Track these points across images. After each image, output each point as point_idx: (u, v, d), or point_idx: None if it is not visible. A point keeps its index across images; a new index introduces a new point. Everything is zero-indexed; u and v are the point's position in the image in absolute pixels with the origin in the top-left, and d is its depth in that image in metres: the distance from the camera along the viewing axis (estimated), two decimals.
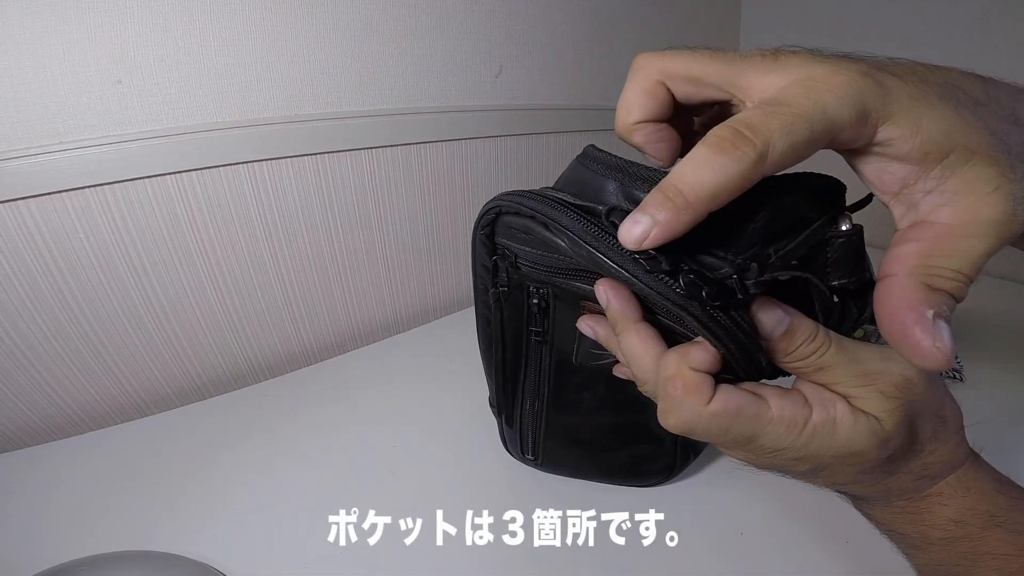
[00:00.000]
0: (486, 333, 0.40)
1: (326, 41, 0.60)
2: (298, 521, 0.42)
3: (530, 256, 0.31)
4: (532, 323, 0.36)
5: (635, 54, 0.24)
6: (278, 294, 0.66)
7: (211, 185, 0.57)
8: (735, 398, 0.22)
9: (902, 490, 0.25)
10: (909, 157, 0.19)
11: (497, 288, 0.34)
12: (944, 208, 0.19)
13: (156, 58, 0.51)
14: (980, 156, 0.18)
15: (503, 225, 0.31)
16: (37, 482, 0.46)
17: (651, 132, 0.24)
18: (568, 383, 0.39)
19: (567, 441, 0.43)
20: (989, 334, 0.69)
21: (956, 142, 0.18)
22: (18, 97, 0.45)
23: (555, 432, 0.42)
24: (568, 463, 0.45)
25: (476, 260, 0.35)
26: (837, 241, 0.22)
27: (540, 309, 0.35)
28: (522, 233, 0.29)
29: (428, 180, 0.74)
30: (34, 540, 0.40)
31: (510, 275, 0.33)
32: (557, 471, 0.46)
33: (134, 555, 0.38)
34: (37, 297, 0.50)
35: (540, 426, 0.42)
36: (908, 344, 0.18)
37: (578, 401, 0.39)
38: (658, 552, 0.40)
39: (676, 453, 0.43)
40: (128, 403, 0.59)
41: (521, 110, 0.80)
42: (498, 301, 0.35)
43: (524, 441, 0.44)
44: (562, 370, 0.38)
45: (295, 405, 0.56)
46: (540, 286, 0.34)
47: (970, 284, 0.19)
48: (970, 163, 0.19)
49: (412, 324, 0.79)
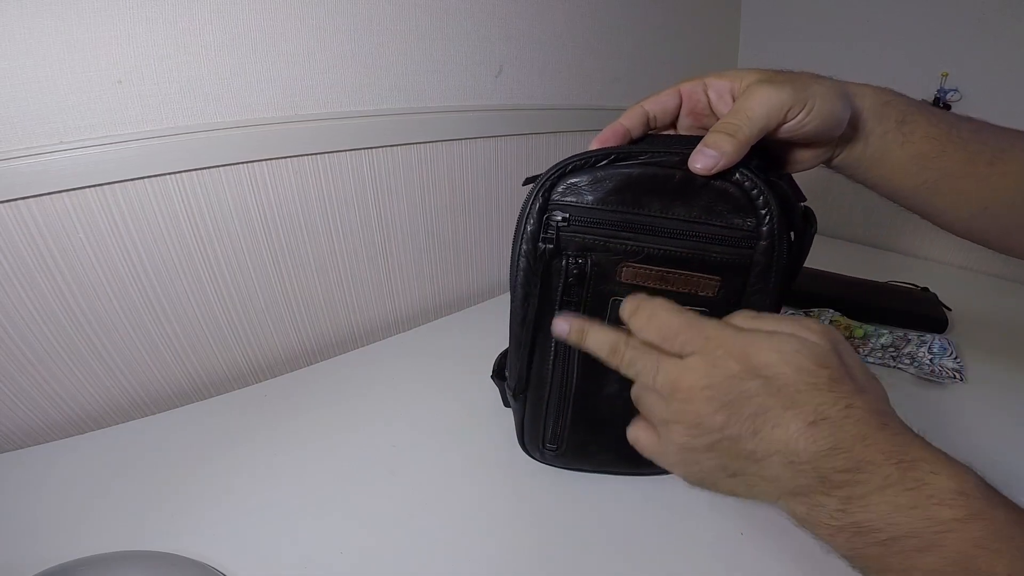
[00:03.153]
0: (522, 307, 0.38)
1: (326, 41, 0.60)
2: (298, 521, 0.42)
3: (584, 214, 0.35)
4: (567, 292, 0.37)
5: (635, 54, 0.25)
6: (278, 294, 0.66)
7: (211, 185, 0.57)
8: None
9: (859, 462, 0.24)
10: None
11: (544, 244, 0.35)
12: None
13: (156, 58, 0.51)
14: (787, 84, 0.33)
15: (566, 185, 0.35)
16: (37, 482, 0.46)
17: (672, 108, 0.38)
18: (597, 363, 0.36)
19: (594, 423, 0.42)
20: (989, 334, 0.69)
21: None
22: (18, 97, 0.45)
23: (582, 413, 0.42)
24: (590, 449, 0.44)
25: (524, 224, 0.35)
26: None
27: (577, 279, 0.36)
28: (588, 185, 0.34)
29: (428, 180, 0.74)
30: (34, 540, 0.40)
31: (559, 233, 0.35)
32: (575, 462, 0.45)
33: (134, 555, 0.38)
34: (37, 297, 0.50)
35: (567, 408, 0.42)
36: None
37: (605, 378, 0.39)
38: (658, 552, 0.40)
39: None
40: (128, 403, 0.59)
41: (521, 110, 0.80)
42: (541, 259, 0.36)
43: (547, 428, 0.43)
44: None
45: (295, 405, 0.56)
46: (580, 255, 0.36)
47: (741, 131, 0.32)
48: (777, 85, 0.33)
49: (412, 324, 0.78)
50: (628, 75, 0.92)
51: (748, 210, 0.34)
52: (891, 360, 0.62)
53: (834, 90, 0.34)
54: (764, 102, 0.32)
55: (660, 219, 0.34)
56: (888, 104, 0.37)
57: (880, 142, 0.37)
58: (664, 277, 0.35)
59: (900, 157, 0.37)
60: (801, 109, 0.32)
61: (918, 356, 0.62)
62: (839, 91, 0.34)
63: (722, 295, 0.36)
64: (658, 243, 0.35)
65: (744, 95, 0.33)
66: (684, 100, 0.38)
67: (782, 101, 0.32)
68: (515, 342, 0.41)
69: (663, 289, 0.35)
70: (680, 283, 0.35)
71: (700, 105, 0.37)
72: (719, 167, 0.32)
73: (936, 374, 0.59)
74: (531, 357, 0.40)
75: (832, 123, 0.34)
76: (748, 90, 0.33)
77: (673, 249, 0.35)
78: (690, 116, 0.38)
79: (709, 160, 0.31)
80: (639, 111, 0.38)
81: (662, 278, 0.35)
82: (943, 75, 0.88)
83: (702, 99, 0.37)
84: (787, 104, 0.32)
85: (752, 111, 0.32)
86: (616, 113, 0.38)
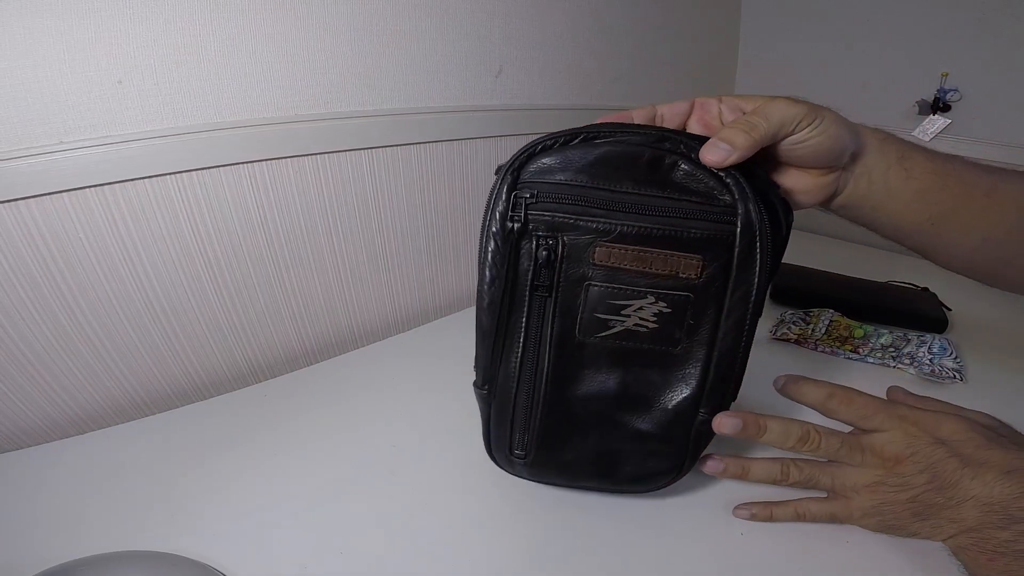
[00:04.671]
0: (489, 291, 0.35)
1: (326, 41, 0.60)
2: (298, 521, 0.42)
3: (554, 190, 0.33)
4: (538, 276, 0.34)
5: (635, 54, 0.25)
6: (278, 294, 0.66)
7: (211, 185, 0.57)
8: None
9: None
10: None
11: (512, 222, 0.33)
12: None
13: (156, 58, 0.51)
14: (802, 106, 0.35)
15: (535, 165, 0.34)
16: (37, 482, 0.46)
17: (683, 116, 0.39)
18: (571, 359, 0.36)
19: (565, 430, 0.38)
20: (989, 334, 0.69)
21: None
22: (18, 97, 0.45)
23: (554, 414, 0.38)
24: (562, 460, 0.39)
25: (493, 205, 0.34)
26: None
27: (548, 262, 0.34)
28: (558, 164, 0.34)
29: (428, 180, 0.74)
30: (34, 540, 0.40)
31: (528, 212, 0.33)
32: (546, 474, 0.41)
33: (134, 555, 0.38)
34: (37, 297, 0.50)
35: (536, 412, 0.37)
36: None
37: (581, 376, 0.37)
38: (658, 552, 0.40)
39: (687, 447, 0.38)
40: (128, 403, 0.59)
41: (521, 110, 0.80)
42: (509, 238, 0.34)
43: (515, 431, 0.39)
44: (564, 343, 0.36)
45: (295, 405, 0.56)
46: (550, 235, 0.34)
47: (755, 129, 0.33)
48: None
49: (412, 324, 0.79)
50: (628, 75, 0.92)
51: (721, 184, 0.33)
52: (891, 360, 0.62)
53: (843, 119, 0.36)
54: (782, 108, 0.34)
55: (632, 195, 0.33)
56: (886, 141, 0.38)
57: (883, 178, 0.37)
58: (641, 257, 0.33)
59: (904, 194, 0.38)
60: (812, 122, 0.34)
61: (918, 356, 0.62)
62: (848, 121, 0.36)
63: (706, 277, 0.34)
64: (631, 220, 0.33)
65: (763, 103, 0.35)
66: (696, 108, 0.38)
67: (798, 110, 0.34)
68: (480, 331, 0.37)
69: (642, 270, 0.34)
70: (659, 263, 0.33)
71: (710, 115, 0.38)
72: (730, 161, 0.32)
73: (936, 374, 0.59)
74: (495, 347, 0.37)
75: (837, 144, 0.35)
76: (767, 101, 0.35)
77: (648, 226, 0.33)
78: (700, 123, 0.38)
79: (722, 152, 0.32)
80: (649, 108, 0.38)
81: (639, 258, 0.33)
82: (943, 75, 0.88)
83: (714, 110, 0.38)
84: (801, 114, 0.34)
85: (770, 114, 0.34)
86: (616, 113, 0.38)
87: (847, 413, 0.37)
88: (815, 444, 0.36)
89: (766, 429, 0.37)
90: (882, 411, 0.36)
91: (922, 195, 0.37)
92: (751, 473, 0.39)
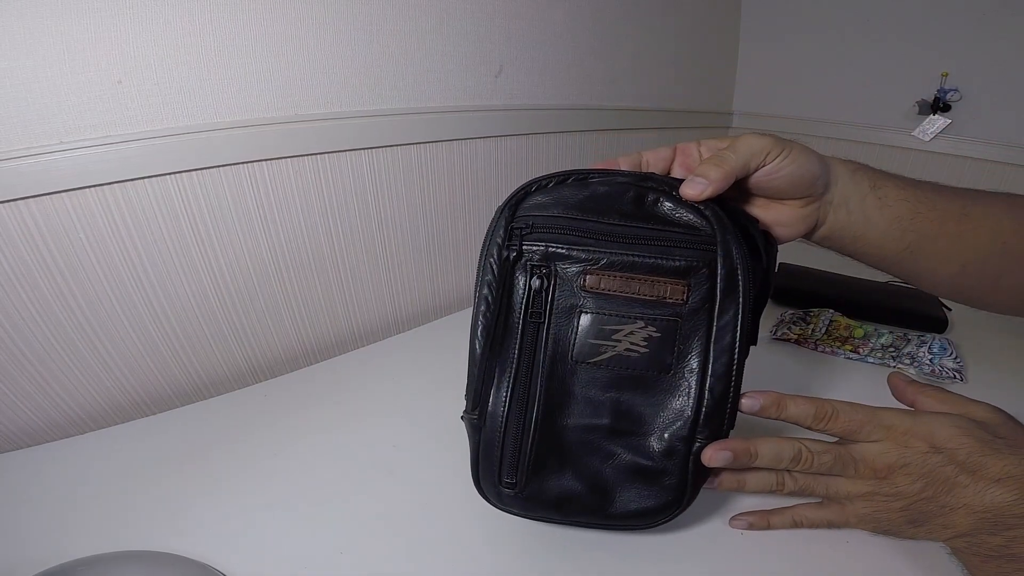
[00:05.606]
0: (484, 317, 0.36)
1: (326, 41, 0.60)
2: (298, 521, 0.42)
3: (548, 222, 0.36)
4: (531, 304, 0.37)
5: (635, 54, 0.25)
6: (278, 294, 0.66)
7: (211, 185, 0.57)
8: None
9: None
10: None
11: (508, 251, 0.36)
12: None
13: (156, 58, 0.51)
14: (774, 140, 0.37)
15: (531, 202, 0.37)
16: (37, 482, 0.46)
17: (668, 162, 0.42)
18: (562, 385, 0.37)
19: (558, 459, 0.37)
20: (989, 334, 0.69)
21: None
22: (18, 97, 0.45)
23: (545, 445, 0.36)
24: (554, 491, 0.37)
25: (491, 237, 0.36)
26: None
27: (541, 289, 0.36)
28: (551, 202, 0.37)
29: (428, 180, 0.74)
30: (34, 540, 0.40)
31: (523, 242, 0.36)
32: (538, 507, 0.38)
33: (134, 555, 0.38)
34: (37, 297, 0.50)
35: (527, 439, 0.36)
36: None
37: (571, 406, 0.36)
38: (658, 552, 0.40)
39: (686, 478, 0.36)
40: (128, 403, 0.59)
41: (521, 110, 0.80)
42: (505, 265, 0.36)
43: (504, 459, 0.37)
44: (556, 369, 0.36)
45: (295, 405, 0.56)
46: (543, 265, 0.36)
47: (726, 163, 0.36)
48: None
49: (412, 324, 0.79)
50: (628, 75, 0.92)
51: (700, 216, 0.35)
52: (891, 360, 0.62)
53: (811, 149, 0.38)
54: (749, 140, 0.37)
55: (620, 227, 0.36)
56: (858, 171, 0.40)
57: (861, 207, 0.39)
58: (628, 282, 0.36)
59: (880, 222, 0.39)
60: (779, 153, 0.36)
61: (918, 356, 0.62)
62: (816, 152, 0.38)
63: (693, 303, 0.35)
64: (619, 249, 0.36)
65: (733, 141, 0.38)
66: (678, 154, 0.41)
67: (765, 143, 0.36)
68: (472, 357, 0.37)
69: (631, 296, 0.36)
70: (645, 288, 0.36)
71: (691, 159, 0.40)
72: (707, 194, 0.35)
73: (936, 374, 0.59)
74: (487, 373, 0.37)
75: (808, 173, 0.37)
76: (737, 138, 0.37)
77: (635, 254, 0.35)
78: (682, 167, 0.41)
79: (699, 186, 0.35)
80: (635, 155, 0.41)
81: (627, 284, 0.36)
82: (943, 75, 0.88)
83: (694, 153, 0.40)
84: (768, 147, 0.36)
85: (737, 148, 0.36)
86: (616, 113, 0.38)
87: (834, 429, 0.36)
88: (808, 463, 0.36)
89: (757, 455, 0.36)
90: (869, 422, 0.36)
91: (898, 222, 0.39)
92: (748, 486, 0.40)
